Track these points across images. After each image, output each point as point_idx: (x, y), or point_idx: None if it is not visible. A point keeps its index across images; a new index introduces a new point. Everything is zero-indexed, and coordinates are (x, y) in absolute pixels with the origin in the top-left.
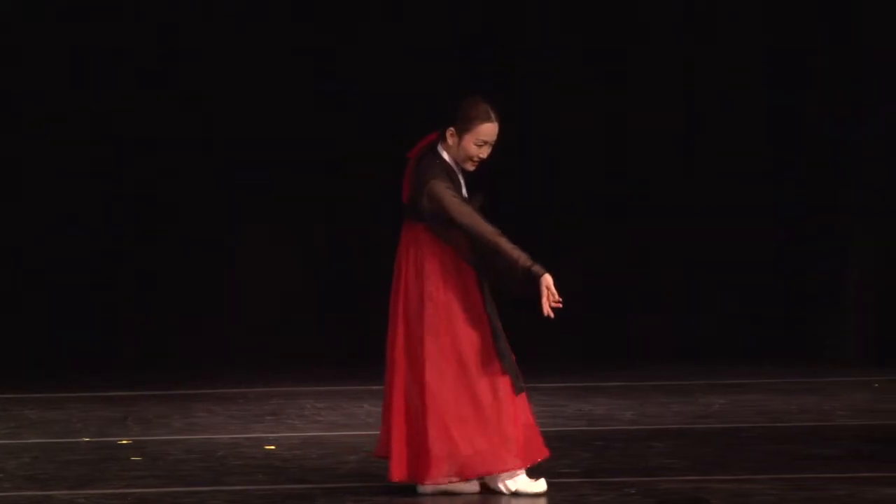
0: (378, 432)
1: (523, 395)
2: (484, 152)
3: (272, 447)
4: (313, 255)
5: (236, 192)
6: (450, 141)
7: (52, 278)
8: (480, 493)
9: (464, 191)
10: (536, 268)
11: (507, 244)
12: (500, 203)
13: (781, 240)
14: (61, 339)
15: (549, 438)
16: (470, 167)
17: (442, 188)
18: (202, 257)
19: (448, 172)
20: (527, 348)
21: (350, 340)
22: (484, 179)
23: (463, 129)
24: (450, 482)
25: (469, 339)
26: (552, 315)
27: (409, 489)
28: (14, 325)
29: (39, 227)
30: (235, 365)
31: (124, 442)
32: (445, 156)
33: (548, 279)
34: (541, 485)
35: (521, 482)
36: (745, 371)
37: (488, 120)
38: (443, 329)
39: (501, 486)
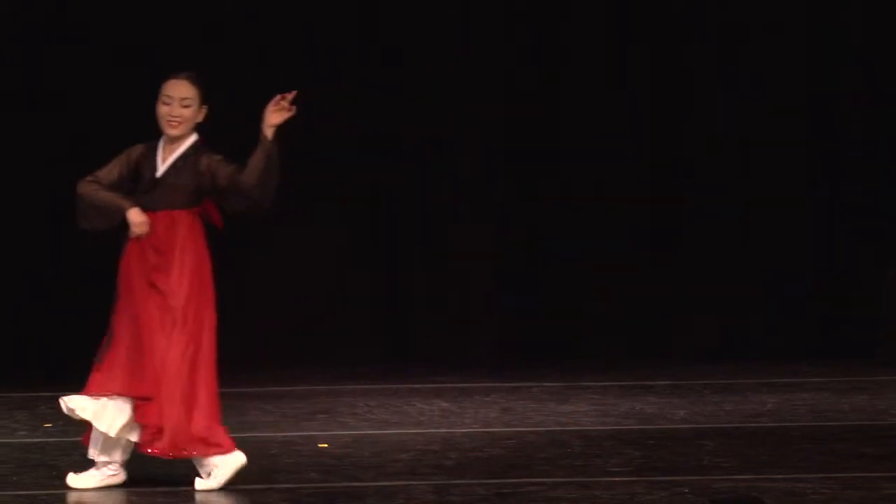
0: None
1: None
2: (174, 110)
3: (325, 445)
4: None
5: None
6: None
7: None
8: None
9: (161, 165)
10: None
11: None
12: (539, 196)
13: (830, 238)
14: None
15: (601, 437)
16: (171, 131)
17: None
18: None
19: (140, 150)
20: (574, 348)
21: (399, 338)
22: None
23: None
24: None
25: None
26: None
27: (459, 487)
28: (72, 325)
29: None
30: (287, 363)
31: None
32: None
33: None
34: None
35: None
36: (796, 370)
37: (168, 78)
38: None
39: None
